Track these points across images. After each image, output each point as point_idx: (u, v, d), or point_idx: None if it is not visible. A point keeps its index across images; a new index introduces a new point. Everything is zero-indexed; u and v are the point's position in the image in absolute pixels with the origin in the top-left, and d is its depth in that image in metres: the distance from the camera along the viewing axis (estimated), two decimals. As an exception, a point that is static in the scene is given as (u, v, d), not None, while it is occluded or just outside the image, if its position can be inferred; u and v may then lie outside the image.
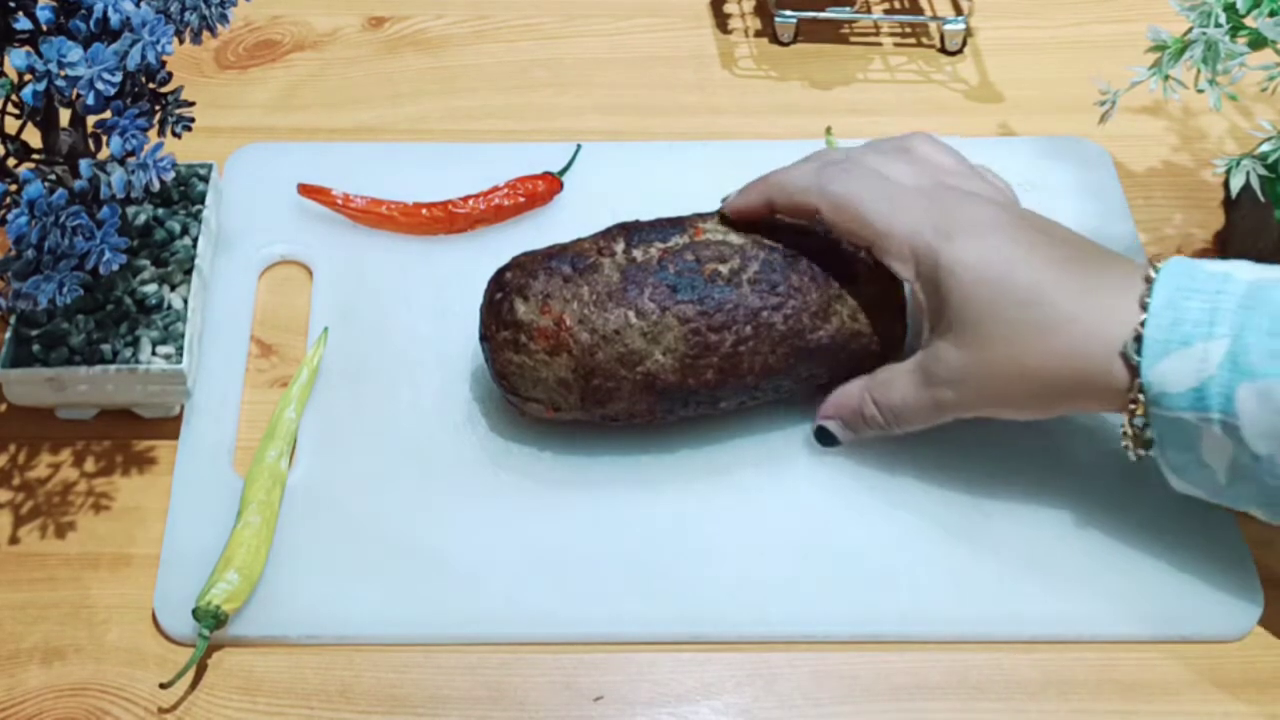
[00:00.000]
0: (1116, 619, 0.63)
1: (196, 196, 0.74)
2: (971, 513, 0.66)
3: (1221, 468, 0.58)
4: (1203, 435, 0.57)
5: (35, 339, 0.67)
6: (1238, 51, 0.65)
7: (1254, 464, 0.56)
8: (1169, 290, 0.58)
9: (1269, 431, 0.55)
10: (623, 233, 0.67)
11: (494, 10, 0.93)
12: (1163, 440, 0.59)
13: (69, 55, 0.57)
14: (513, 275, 0.66)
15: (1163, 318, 0.57)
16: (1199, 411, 0.57)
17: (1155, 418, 0.58)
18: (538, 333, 0.64)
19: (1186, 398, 0.57)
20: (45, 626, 0.63)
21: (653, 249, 0.66)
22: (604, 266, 0.65)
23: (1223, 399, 0.56)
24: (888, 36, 0.92)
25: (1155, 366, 0.57)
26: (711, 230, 0.67)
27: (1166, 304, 0.58)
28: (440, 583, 0.64)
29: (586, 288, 0.64)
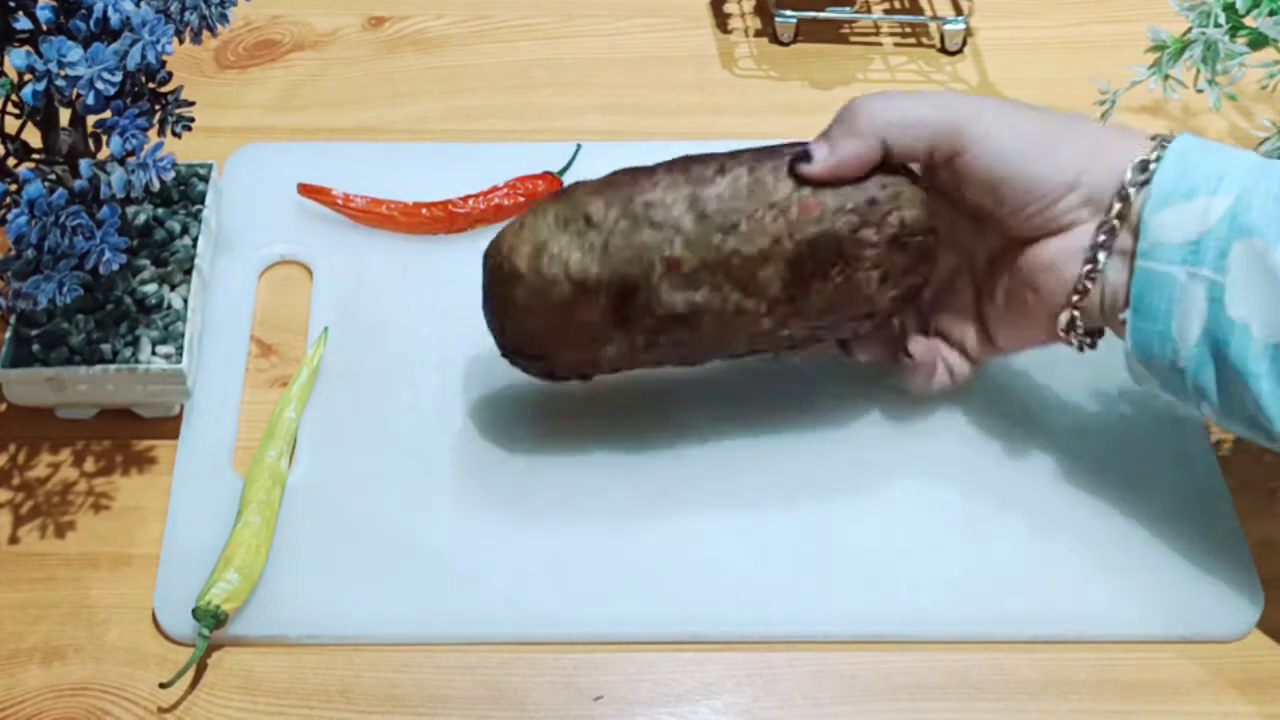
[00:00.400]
0: (1116, 619, 0.63)
1: (196, 196, 0.74)
2: (971, 513, 0.66)
3: (1188, 343, 0.58)
4: (1184, 296, 0.57)
5: (35, 339, 0.67)
6: (1237, 51, 0.65)
7: (1225, 334, 0.56)
8: (1183, 145, 0.58)
9: (1251, 295, 0.56)
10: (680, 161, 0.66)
11: (494, 10, 0.93)
12: (1139, 301, 0.59)
13: (69, 55, 0.57)
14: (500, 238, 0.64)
15: (1172, 169, 0.58)
16: (1190, 266, 0.57)
17: (1140, 273, 0.58)
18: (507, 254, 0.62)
19: (1181, 250, 0.57)
20: (45, 626, 0.63)
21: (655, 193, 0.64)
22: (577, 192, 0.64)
23: (1216, 254, 0.56)
24: (888, 36, 0.92)
25: (1157, 215, 0.57)
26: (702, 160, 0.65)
27: (1179, 156, 0.58)
28: (440, 583, 0.64)
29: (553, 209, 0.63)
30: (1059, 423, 0.70)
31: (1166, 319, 0.58)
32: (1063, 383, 0.71)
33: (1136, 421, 0.70)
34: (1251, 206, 0.56)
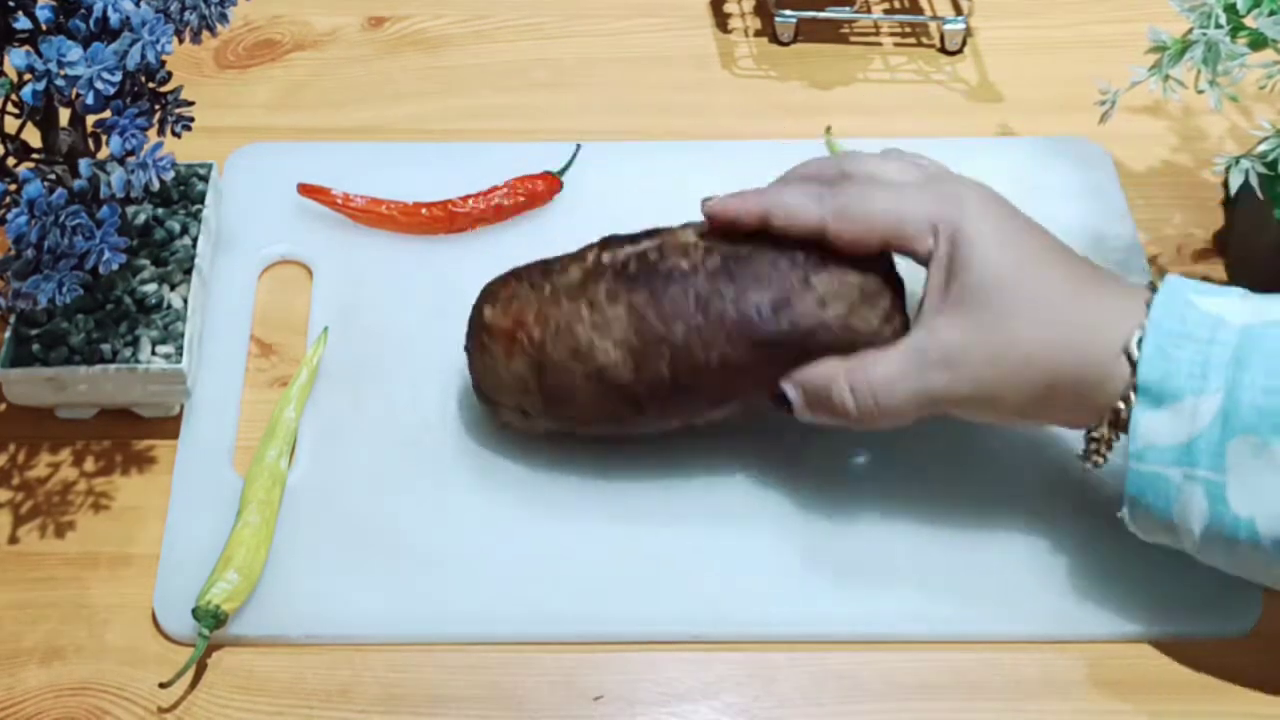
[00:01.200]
0: (1116, 619, 0.63)
1: (196, 196, 0.74)
2: (972, 513, 0.66)
3: (1192, 533, 0.57)
4: (1181, 495, 0.56)
5: (35, 338, 0.67)
6: (1238, 52, 0.65)
7: (1231, 529, 0.55)
8: (1160, 337, 0.56)
9: (1254, 490, 0.54)
10: (601, 242, 0.66)
11: (494, 10, 0.93)
12: (1135, 502, 0.58)
13: (69, 55, 0.57)
14: (490, 284, 0.66)
15: (1154, 368, 0.56)
16: (1185, 468, 0.56)
17: (1135, 474, 0.57)
18: (498, 333, 0.64)
19: (1174, 452, 0.56)
20: (45, 626, 0.63)
21: (622, 252, 0.64)
22: (570, 270, 0.64)
23: (1212, 455, 0.55)
24: (888, 36, 0.92)
25: (1144, 416, 0.56)
26: (683, 234, 0.65)
27: (1157, 353, 0.56)
28: (440, 583, 0.64)
29: (549, 287, 0.64)
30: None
31: (1166, 514, 0.57)
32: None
33: (1136, 421, 0.70)
34: (1241, 404, 0.54)
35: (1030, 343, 0.58)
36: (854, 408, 0.60)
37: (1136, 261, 0.77)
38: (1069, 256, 0.61)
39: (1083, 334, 0.58)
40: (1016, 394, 0.59)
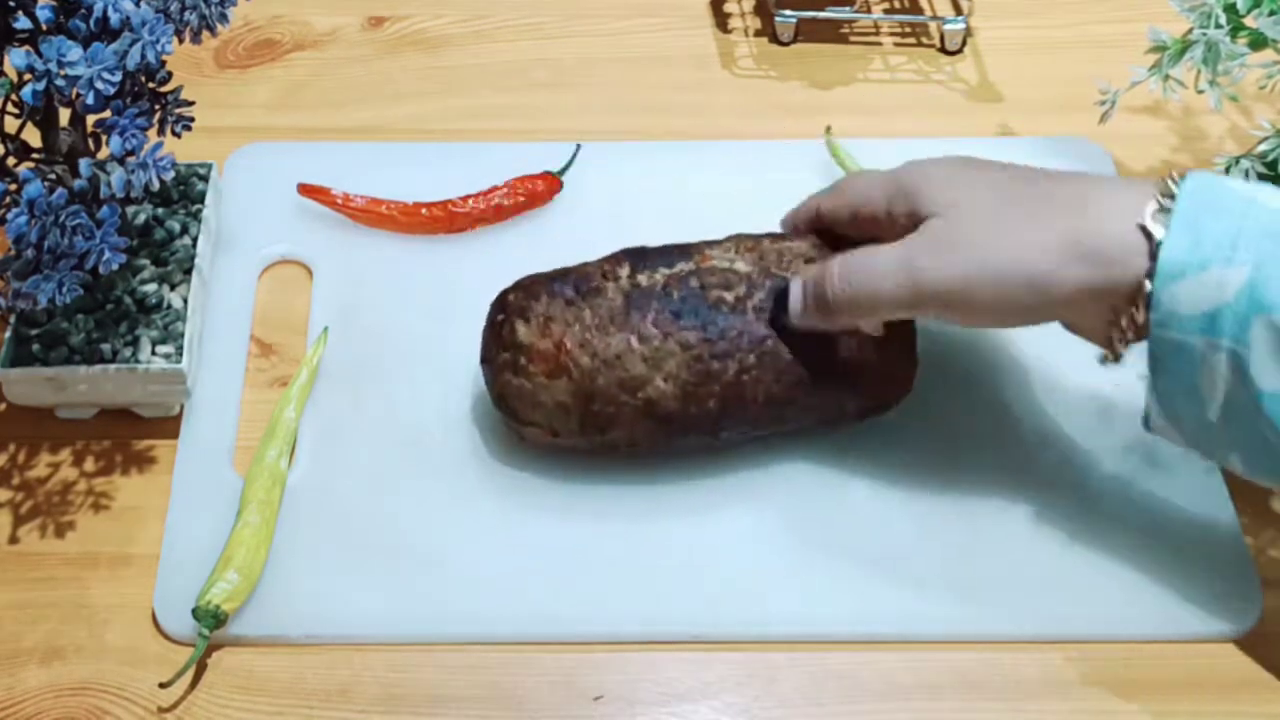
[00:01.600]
0: (1116, 619, 0.63)
1: (196, 196, 0.74)
2: (972, 512, 0.66)
3: (1215, 402, 0.56)
4: (1205, 362, 0.55)
5: (35, 338, 0.67)
6: (1238, 52, 0.65)
7: (1253, 401, 0.54)
8: (1191, 207, 0.55)
9: (1276, 369, 0.53)
10: (628, 257, 0.66)
11: (494, 10, 0.93)
12: (1158, 363, 0.56)
13: (69, 55, 0.57)
14: (515, 297, 0.65)
15: (1182, 237, 0.54)
16: (1208, 336, 0.54)
17: (1157, 339, 0.56)
18: (537, 355, 0.63)
19: (1197, 321, 0.54)
20: (45, 626, 0.63)
21: (658, 274, 0.64)
22: (607, 290, 0.64)
23: (1236, 326, 0.54)
24: (888, 36, 0.92)
25: (1168, 287, 0.55)
26: (718, 257, 0.65)
27: (1188, 223, 0.55)
28: (440, 583, 0.64)
29: (589, 311, 0.63)
30: (1058, 424, 0.70)
31: (1191, 379, 0.56)
32: (1063, 383, 0.71)
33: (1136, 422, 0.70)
34: (1271, 279, 0.53)
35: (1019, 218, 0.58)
36: (838, 284, 0.61)
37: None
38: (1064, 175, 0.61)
39: (1091, 216, 0.56)
40: (1017, 286, 0.58)
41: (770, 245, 0.66)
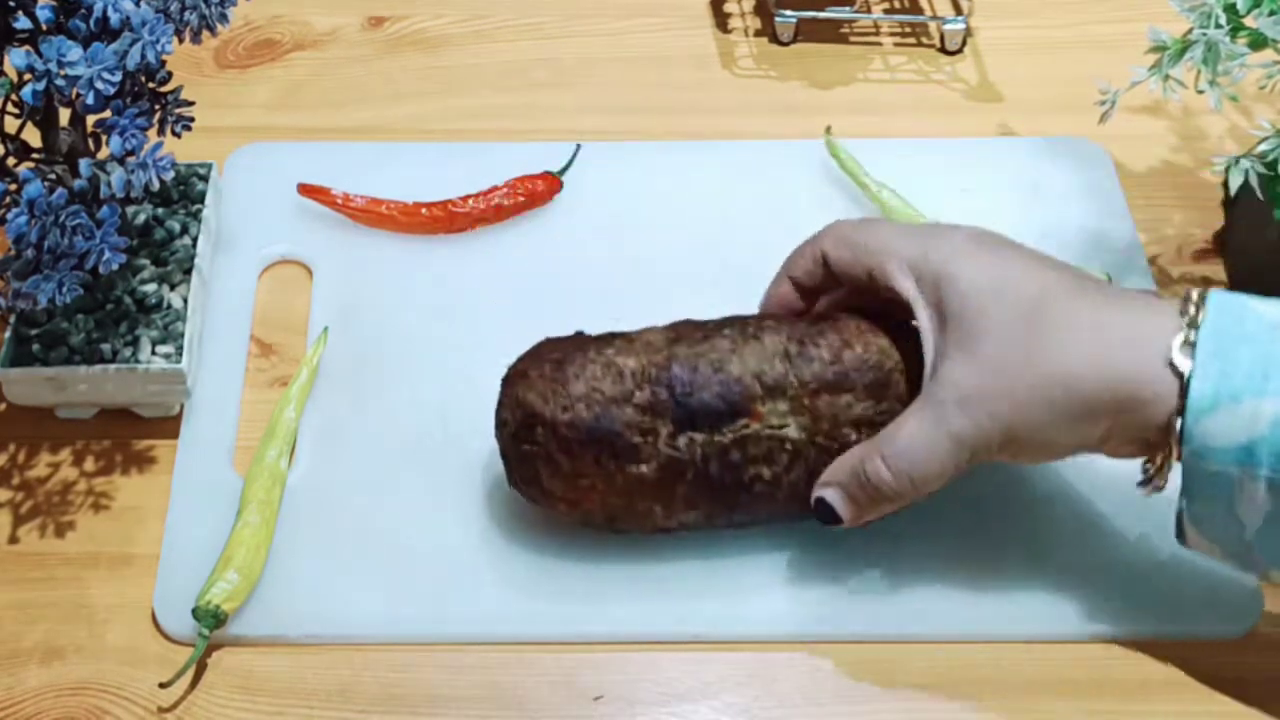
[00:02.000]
0: (1116, 619, 0.63)
1: (196, 196, 0.74)
2: (972, 512, 0.66)
3: (1254, 524, 0.54)
4: (1242, 489, 0.54)
5: (35, 338, 0.67)
6: (1238, 52, 0.65)
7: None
8: (1217, 335, 0.53)
9: None
10: (673, 405, 0.59)
11: (494, 10, 0.93)
12: (1192, 490, 0.55)
13: (69, 55, 0.57)
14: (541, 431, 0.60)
15: (1209, 368, 0.53)
16: (1246, 465, 0.53)
17: (1191, 469, 0.54)
18: (562, 500, 0.62)
19: (1232, 453, 0.53)
20: (45, 626, 0.63)
21: (698, 440, 0.59)
22: (641, 452, 0.60)
23: (1274, 458, 0.52)
24: (888, 36, 0.92)
25: (1200, 422, 0.53)
26: (771, 417, 0.60)
27: (1214, 353, 0.53)
28: (440, 583, 0.64)
29: (620, 477, 0.60)
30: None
31: (1228, 505, 0.54)
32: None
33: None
34: None
35: (1043, 361, 0.55)
36: (891, 480, 0.58)
37: (1137, 261, 0.77)
38: (1078, 279, 0.58)
39: (1116, 352, 0.55)
40: (1053, 427, 0.56)
41: (825, 403, 0.60)
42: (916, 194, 0.77)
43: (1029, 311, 0.56)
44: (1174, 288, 0.76)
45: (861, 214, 0.78)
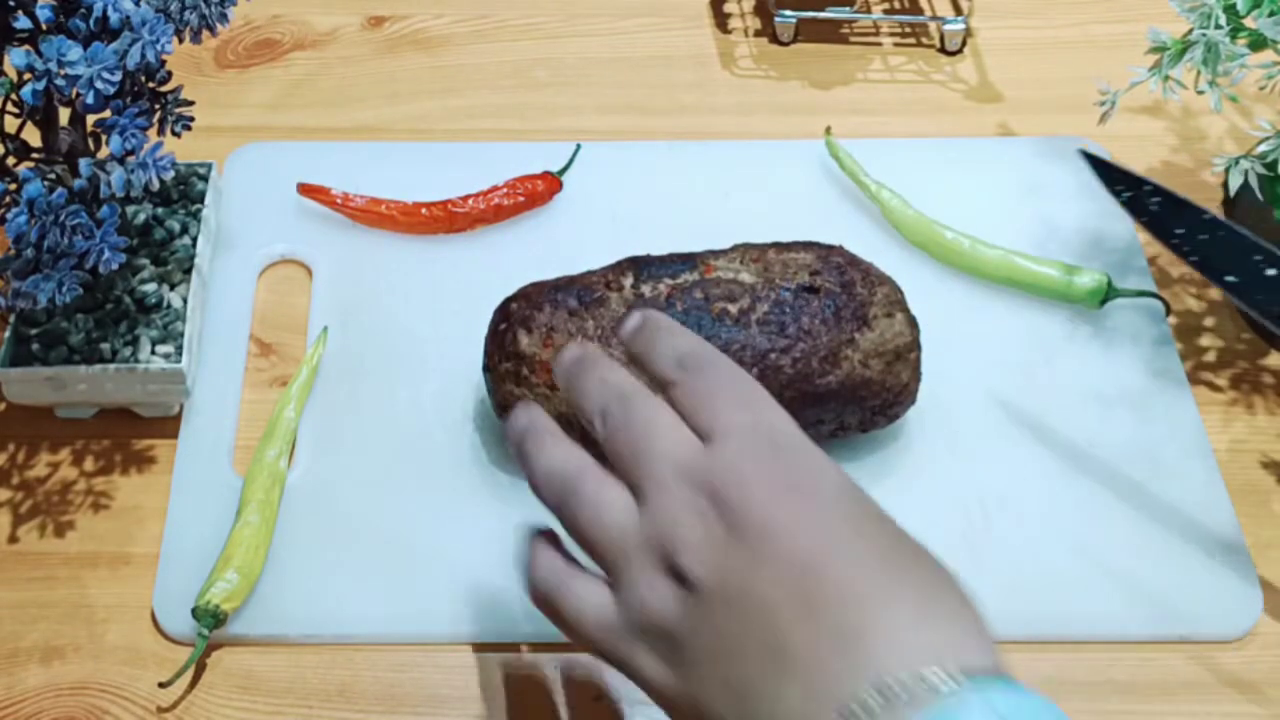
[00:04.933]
0: (1116, 619, 0.63)
1: (196, 195, 0.74)
2: (972, 512, 0.66)
3: None
4: None
5: (35, 338, 0.67)
6: (1238, 53, 0.65)
7: None
8: None
9: None
10: (632, 266, 0.66)
11: (494, 9, 0.93)
12: None
13: (68, 54, 0.57)
14: (518, 306, 0.65)
15: None
16: None
17: None
18: (540, 366, 0.63)
19: None
20: (44, 625, 0.63)
21: (661, 284, 0.65)
22: (610, 301, 0.64)
23: None
24: (887, 36, 0.92)
25: None
26: (723, 267, 0.65)
27: None
28: (440, 583, 0.64)
29: (591, 322, 0.64)
30: (1059, 426, 0.70)
31: None
32: (1063, 386, 0.71)
33: (1136, 423, 0.70)
34: None
35: None
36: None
37: (1136, 262, 0.77)
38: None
39: None
40: None
41: (775, 256, 0.66)
42: (916, 194, 0.77)
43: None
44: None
45: (862, 214, 0.78)
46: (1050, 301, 0.74)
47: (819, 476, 0.47)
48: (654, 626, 0.46)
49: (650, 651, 0.47)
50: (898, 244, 0.77)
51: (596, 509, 0.48)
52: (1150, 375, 0.72)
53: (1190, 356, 0.73)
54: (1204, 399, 0.71)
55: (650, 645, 0.47)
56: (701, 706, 0.45)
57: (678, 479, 0.47)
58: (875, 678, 0.40)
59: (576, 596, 0.49)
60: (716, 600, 0.45)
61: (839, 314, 0.64)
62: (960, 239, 0.75)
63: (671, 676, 0.46)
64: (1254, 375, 0.73)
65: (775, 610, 0.44)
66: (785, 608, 0.43)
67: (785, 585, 0.44)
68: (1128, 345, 0.73)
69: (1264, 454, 0.70)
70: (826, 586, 0.43)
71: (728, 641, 0.44)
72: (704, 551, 0.45)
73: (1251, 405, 0.72)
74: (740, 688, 0.44)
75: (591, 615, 0.48)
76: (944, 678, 0.40)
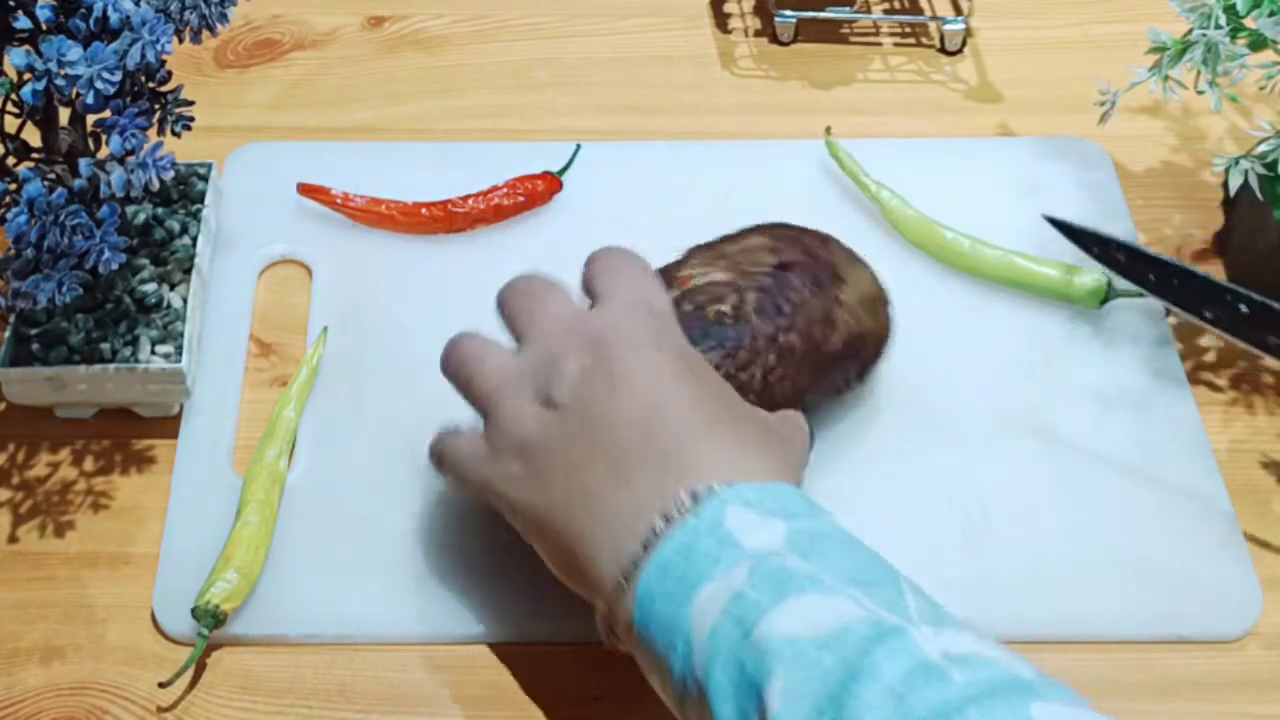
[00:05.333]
0: (1116, 619, 0.63)
1: (196, 195, 0.74)
2: (972, 513, 0.66)
3: None
4: None
5: (34, 338, 0.67)
6: (1238, 53, 0.65)
7: None
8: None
9: None
10: None
11: (494, 9, 0.93)
12: None
13: (68, 54, 0.57)
14: None
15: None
16: None
17: None
18: None
19: None
20: (44, 625, 0.63)
21: None
22: None
23: None
24: (887, 36, 0.92)
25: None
26: (695, 274, 0.65)
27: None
28: (440, 583, 0.64)
29: None
30: (1059, 425, 0.70)
31: None
32: (1062, 386, 0.71)
33: (1136, 423, 0.70)
34: None
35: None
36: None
37: (1136, 262, 0.77)
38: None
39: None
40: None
41: (731, 248, 0.66)
42: (916, 194, 0.77)
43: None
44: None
45: (862, 214, 0.78)
46: (1050, 301, 0.74)
47: (679, 340, 0.58)
48: (519, 442, 0.56)
49: (512, 465, 0.56)
50: (898, 244, 0.77)
51: (481, 357, 0.59)
52: (1150, 375, 0.72)
53: (1190, 356, 0.73)
54: (1204, 399, 0.71)
55: (512, 460, 0.56)
56: (543, 508, 0.55)
57: (560, 327, 0.58)
58: (690, 487, 0.52)
59: (455, 445, 0.59)
60: (575, 419, 0.55)
61: (818, 280, 0.65)
62: (960, 239, 0.75)
63: (526, 487, 0.56)
64: (1254, 375, 0.73)
65: (620, 434, 0.54)
66: (628, 432, 0.54)
67: (632, 416, 0.54)
68: (1128, 345, 0.73)
69: (1264, 454, 0.70)
70: (663, 422, 0.54)
71: (578, 453, 0.55)
72: (572, 379, 0.55)
73: (1251, 405, 0.72)
74: (583, 490, 0.54)
75: (465, 450, 0.58)
76: (721, 483, 0.52)
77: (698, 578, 0.51)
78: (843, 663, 0.46)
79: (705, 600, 0.50)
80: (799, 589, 0.49)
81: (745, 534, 0.51)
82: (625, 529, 0.53)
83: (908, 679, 0.45)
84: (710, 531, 0.51)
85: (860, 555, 0.52)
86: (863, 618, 0.48)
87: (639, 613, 0.52)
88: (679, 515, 0.52)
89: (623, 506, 0.54)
